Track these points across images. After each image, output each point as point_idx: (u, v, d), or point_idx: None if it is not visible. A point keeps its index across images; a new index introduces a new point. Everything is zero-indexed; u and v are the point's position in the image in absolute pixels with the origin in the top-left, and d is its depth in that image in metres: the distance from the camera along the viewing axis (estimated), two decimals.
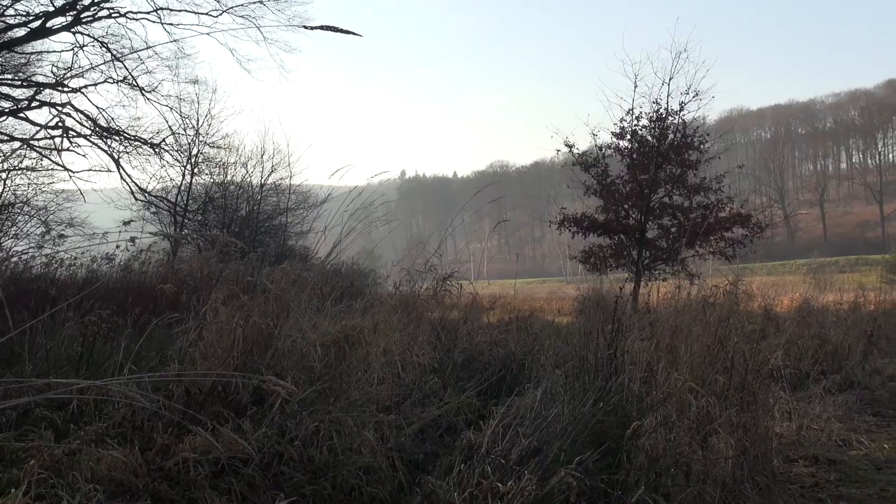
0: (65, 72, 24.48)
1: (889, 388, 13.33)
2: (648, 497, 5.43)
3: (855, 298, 18.95)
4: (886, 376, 14.00)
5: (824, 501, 7.27)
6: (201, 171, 26.74)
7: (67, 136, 24.28)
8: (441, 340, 9.19)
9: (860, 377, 13.58)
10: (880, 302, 18.97)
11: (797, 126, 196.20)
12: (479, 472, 5.08)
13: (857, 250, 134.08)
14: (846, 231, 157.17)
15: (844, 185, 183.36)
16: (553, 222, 23.11)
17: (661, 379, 6.76)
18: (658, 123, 21.66)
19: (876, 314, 17.62)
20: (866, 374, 13.76)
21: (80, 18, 23.91)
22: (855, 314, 17.30)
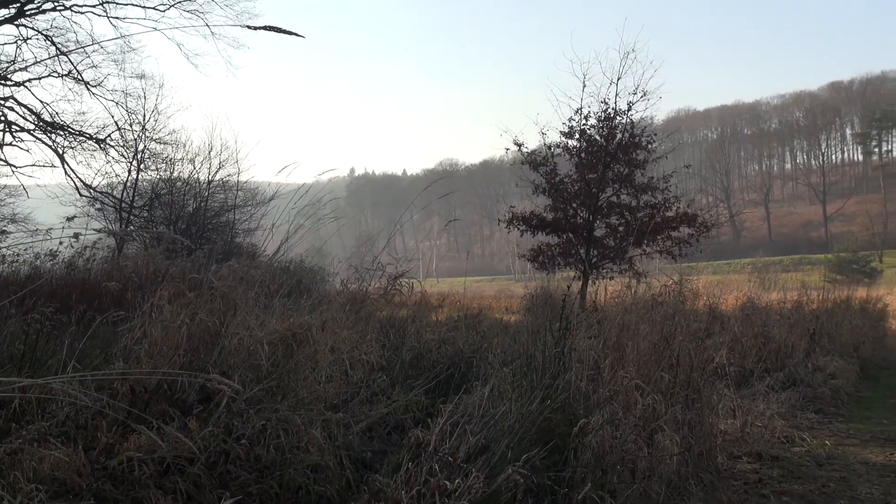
0: (7, 65, 24.11)
1: (831, 386, 13.54)
2: (595, 494, 5.46)
3: (798, 297, 19.21)
4: (828, 374, 14.21)
5: (767, 497, 7.37)
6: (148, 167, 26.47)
7: (10, 130, 23.94)
8: (389, 338, 9.18)
9: (803, 375, 13.79)
10: (823, 301, 19.26)
11: (743, 127, 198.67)
12: (427, 470, 5.08)
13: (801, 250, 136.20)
14: (790, 231, 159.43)
15: (789, 185, 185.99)
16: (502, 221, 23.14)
17: (608, 377, 6.80)
18: (606, 123, 21.78)
19: (818, 313, 17.88)
20: (809, 372, 13.97)
21: (23, 11, 23.56)
22: (798, 313, 17.54)
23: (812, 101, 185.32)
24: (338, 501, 5.51)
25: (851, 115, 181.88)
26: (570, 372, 6.31)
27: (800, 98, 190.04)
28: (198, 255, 11.98)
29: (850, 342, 17.78)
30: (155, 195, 26.45)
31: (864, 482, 8.05)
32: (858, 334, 18.75)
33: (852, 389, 14.35)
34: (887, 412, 12.70)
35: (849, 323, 18.82)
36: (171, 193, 26.62)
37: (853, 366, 15.90)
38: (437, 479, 4.93)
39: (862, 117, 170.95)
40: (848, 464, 8.93)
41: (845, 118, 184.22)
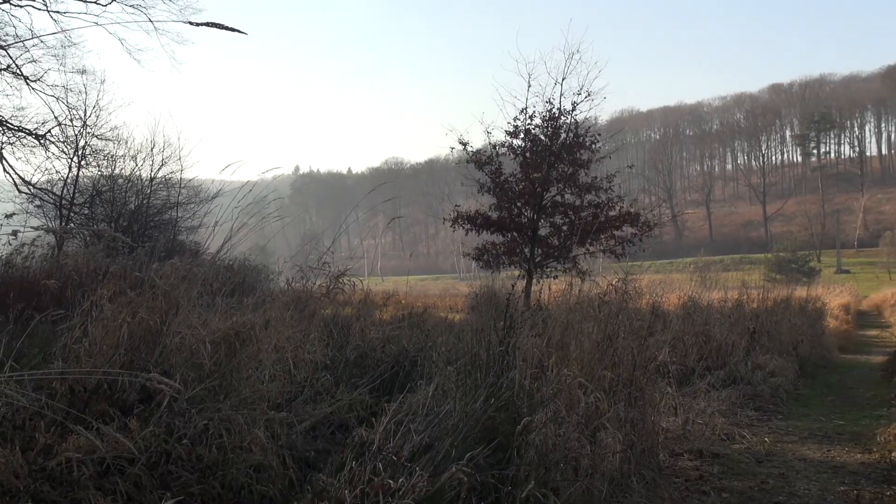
0: None
1: (770, 384, 13.75)
2: (538, 492, 5.49)
3: (739, 296, 19.47)
4: (768, 372, 14.42)
5: (708, 494, 7.46)
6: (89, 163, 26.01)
7: None
8: (334, 337, 9.15)
9: (743, 373, 13.98)
10: (763, 300, 19.54)
11: (685, 127, 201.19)
12: (371, 469, 5.07)
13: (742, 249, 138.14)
14: (731, 231, 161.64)
15: (730, 185, 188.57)
16: (447, 219, 23.11)
17: (552, 375, 6.83)
18: (551, 123, 21.85)
19: (758, 312, 18.15)
20: (749, 370, 14.17)
21: None
22: (738, 312, 17.79)
23: (753, 103, 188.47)
24: (281, 501, 5.48)
25: (791, 116, 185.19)
26: (514, 370, 6.33)
27: (741, 100, 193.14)
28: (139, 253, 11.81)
29: (789, 341, 18.05)
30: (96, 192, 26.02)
31: (802, 478, 8.19)
32: (797, 333, 19.05)
33: (791, 387, 14.57)
34: (825, 410, 12.92)
35: (788, 322, 19.12)
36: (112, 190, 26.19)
37: (792, 364, 16.15)
38: (381, 479, 4.92)
39: (801, 119, 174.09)
40: (787, 460, 9.07)
41: (785, 120, 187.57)
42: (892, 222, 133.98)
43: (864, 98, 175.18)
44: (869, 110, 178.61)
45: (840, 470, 8.64)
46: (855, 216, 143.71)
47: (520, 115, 22.13)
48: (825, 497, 7.48)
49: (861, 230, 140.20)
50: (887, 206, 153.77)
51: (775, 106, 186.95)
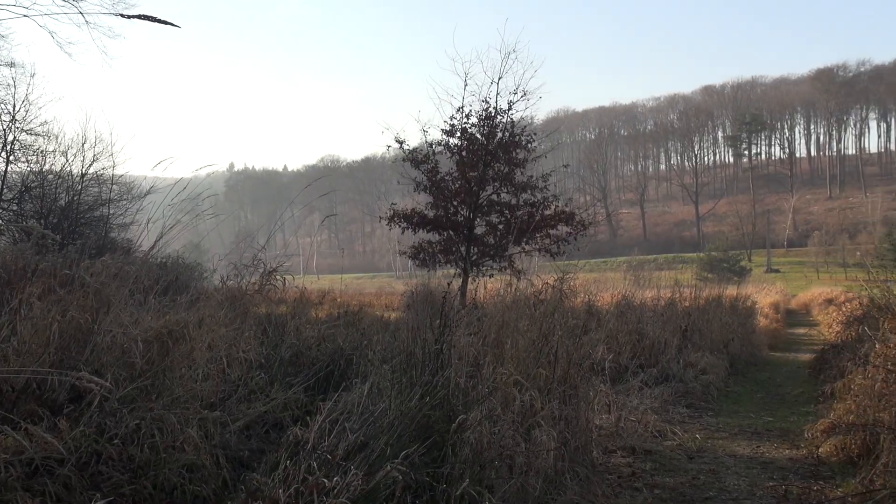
0: None
1: (702, 381, 13.94)
2: (473, 489, 5.51)
3: (671, 295, 19.68)
4: (699, 370, 14.62)
5: (640, 490, 7.54)
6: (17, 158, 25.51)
7: None
8: (268, 336, 9.09)
9: (675, 371, 14.15)
10: (695, 299, 19.77)
11: (620, 128, 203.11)
12: (306, 468, 5.04)
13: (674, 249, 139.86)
14: (664, 230, 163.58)
15: (663, 185, 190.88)
16: (383, 218, 23.04)
17: (487, 373, 6.86)
18: (487, 122, 21.87)
19: (690, 310, 18.37)
20: (681, 368, 14.35)
21: None
22: (671, 310, 17.98)
23: (686, 104, 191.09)
24: (214, 501, 5.44)
25: (723, 118, 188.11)
26: (450, 368, 6.34)
27: (674, 101, 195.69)
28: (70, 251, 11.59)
29: (721, 339, 18.32)
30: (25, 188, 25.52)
31: (732, 474, 8.32)
32: (728, 331, 19.34)
33: (722, 385, 14.79)
34: (754, 407, 13.14)
35: (719, 320, 19.39)
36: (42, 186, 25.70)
37: (723, 362, 16.40)
38: (316, 478, 4.90)
39: (733, 120, 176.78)
40: (717, 457, 9.21)
41: (717, 121, 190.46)
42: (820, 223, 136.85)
43: (794, 100, 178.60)
44: (799, 112, 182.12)
45: (769, 466, 8.79)
46: (785, 216, 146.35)
47: (456, 113, 22.15)
48: (754, 492, 7.61)
49: (790, 230, 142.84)
50: (816, 206, 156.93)
51: (708, 107, 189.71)
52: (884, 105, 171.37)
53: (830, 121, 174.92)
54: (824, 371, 14.84)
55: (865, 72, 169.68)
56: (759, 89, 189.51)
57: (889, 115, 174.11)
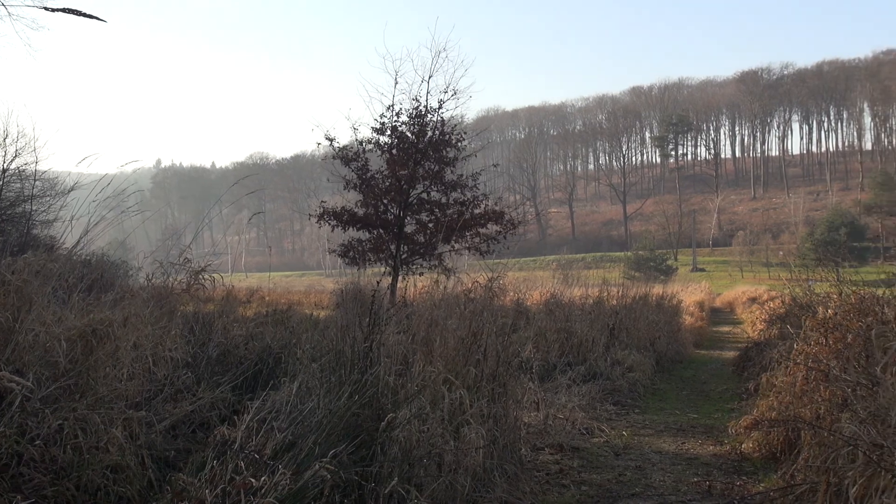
0: None
1: (629, 379, 14.11)
2: (401, 488, 5.51)
3: (599, 294, 19.88)
4: (626, 367, 14.79)
5: (568, 487, 7.60)
6: None
7: None
8: (195, 334, 8.98)
9: (603, 368, 14.30)
10: (622, 297, 19.99)
11: (549, 127, 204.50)
12: (233, 468, 4.99)
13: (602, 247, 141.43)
14: (592, 229, 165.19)
15: (592, 185, 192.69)
16: (313, 216, 22.91)
17: (416, 371, 6.87)
18: (417, 120, 21.87)
19: (618, 308, 18.56)
20: (608, 366, 14.50)
21: None
22: (599, 309, 18.16)
23: (614, 105, 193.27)
24: (139, 502, 5.36)
25: (650, 119, 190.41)
26: (379, 367, 6.34)
27: (603, 101, 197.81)
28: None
29: (647, 337, 18.56)
30: None
31: (657, 470, 8.43)
32: (654, 329, 19.59)
33: (648, 382, 14.99)
34: (680, 403, 13.33)
35: (646, 318, 19.63)
36: None
37: (649, 359, 16.61)
38: (243, 477, 4.86)
39: (660, 121, 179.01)
40: (643, 453, 9.33)
41: (645, 122, 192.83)
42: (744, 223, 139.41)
43: (720, 102, 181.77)
44: (724, 114, 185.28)
45: (694, 462, 8.93)
46: (710, 216, 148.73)
47: (387, 111, 22.11)
48: (679, 488, 7.72)
49: (715, 230, 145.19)
50: (740, 207, 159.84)
51: (636, 108, 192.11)
52: (806, 107, 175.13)
53: (754, 122, 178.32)
54: (748, 368, 15.09)
55: (788, 75, 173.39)
56: (686, 91, 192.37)
57: (811, 117, 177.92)
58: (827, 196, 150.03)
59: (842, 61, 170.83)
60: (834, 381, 7.38)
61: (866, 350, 7.33)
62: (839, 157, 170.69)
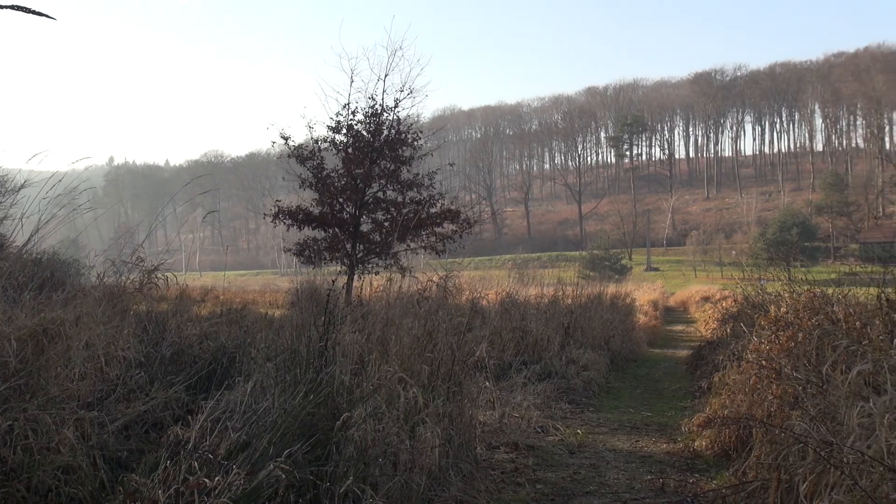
0: None
1: (583, 377, 14.18)
2: (356, 487, 5.50)
3: (554, 293, 19.95)
4: (581, 366, 14.87)
5: (523, 485, 7.64)
6: None
7: None
8: (148, 333, 8.89)
9: (558, 367, 14.37)
10: (577, 296, 20.09)
11: (505, 127, 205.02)
12: (186, 468, 4.96)
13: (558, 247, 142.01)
14: (548, 228, 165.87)
15: (547, 184, 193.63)
16: (268, 215, 22.76)
17: (372, 370, 6.86)
18: (373, 119, 21.78)
19: (573, 308, 18.65)
20: (563, 364, 14.57)
21: None
22: (554, 308, 18.22)
23: (570, 105, 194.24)
24: (91, 503, 5.30)
25: (606, 119, 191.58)
26: (335, 366, 6.33)
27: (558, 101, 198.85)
28: None
29: (602, 335, 18.67)
30: None
31: (612, 468, 8.49)
32: (609, 328, 19.72)
33: (603, 380, 15.08)
34: (634, 402, 13.44)
35: (600, 317, 19.75)
36: None
37: (604, 358, 16.71)
38: (197, 477, 4.83)
39: (615, 121, 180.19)
40: (598, 451, 9.39)
41: (600, 122, 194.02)
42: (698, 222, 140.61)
43: (674, 103, 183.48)
44: (678, 114, 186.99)
45: (647, 459, 9.00)
46: (664, 216, 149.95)
47: (342, 110, 22.00)
48: (633, 486, 7.78)
49: (669, 230, 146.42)
50: (694, 207, 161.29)
51: (591, 108, 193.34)
52: (759, 109, 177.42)
53: (708, 123, 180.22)
54: (701, 367, 15.22)
55: (742, 76, 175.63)
56: (641, 91, 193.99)
57: (763, 118, 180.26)
58: (779, 196, 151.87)
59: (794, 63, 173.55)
60: (785, 379, 7.48)
61: (817, 349, 7.43)
62: (791, 158, 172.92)
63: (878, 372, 5.70)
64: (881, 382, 5.52)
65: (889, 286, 7.27)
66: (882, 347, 6.10)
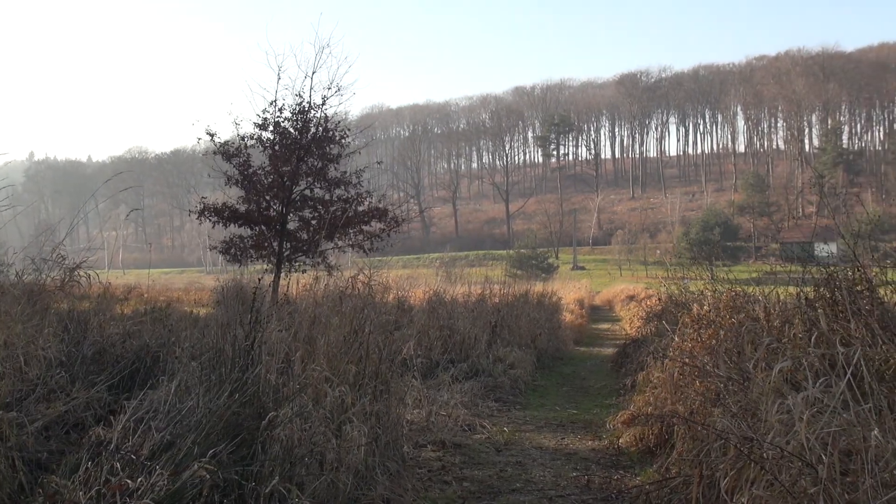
0: None
1: (510, 376, 14.26)
2: (282, 487, 5.47)
3: (482, 291, 20.03)
4: (508, 364, 14.95)
5: (450, 484, 7.66)
6: None
7: None
8: (70, 332, 8.75)
9: (485, 365, 14.43)
10: (504, 295, 20.19)
11: (433, 126, 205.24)
12: (108, 469, 4.88)
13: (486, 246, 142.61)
14: (476, 227, 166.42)
15: (475, 183, 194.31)
16: (193, 212, 22.49)
17: (299, 369, 6.83)
18: (301, 116, 21.63)
19: (500, 306, 18.75)
20: (490, 363, 14.64)
21: None
22: (481, 306, 18.30)
23: (498, 104, 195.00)
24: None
25: (533, 118, 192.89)
26: (261, 365, 6.28)
27: (486, 101, 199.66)
28: None
29: (528, 334, 18.79)
30: None
31: (538, 466, 8.56)
32: (535, 326, 19.85)
33: (529, 379, 15.19)
34: (560, 400, 13.55)
35: (527, 316, 19.88)
36: None
37: (530, 356, 16.83)
38: (119, 479, 4.76)
39: (542, 121, 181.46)
40: (524, 449, 9.45)
41: (527, 121, 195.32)
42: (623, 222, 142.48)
43: (600, 103, 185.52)
44: (604, 115, 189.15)
45: (573, 457, 9.09)
46: (590, 215, 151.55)
47: (269, 107, 21.83)
48: (559, 483, 7.85)
49: (595, 229, 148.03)
50: (619, 206, 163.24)
51: (519, 108, 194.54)
52: (683, 110, 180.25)
53: (633, 124, 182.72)
54: (625, 365, 15.41)
55: (666, 78, 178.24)
56: (568, 92, 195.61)
57: (687, 119, 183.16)
58: (702, 196, 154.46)
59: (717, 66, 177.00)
60: (707, 376, 7.60)
61: (738, 346, 7.57)
62: (714, 159, 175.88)
63: (797, 369, 5.82)
64: (800, 379, 5.64)
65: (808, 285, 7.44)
66: (801, 345, 6.23)
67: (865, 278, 6.68)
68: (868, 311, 6.20)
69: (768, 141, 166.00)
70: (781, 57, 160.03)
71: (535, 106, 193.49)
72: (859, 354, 5.10)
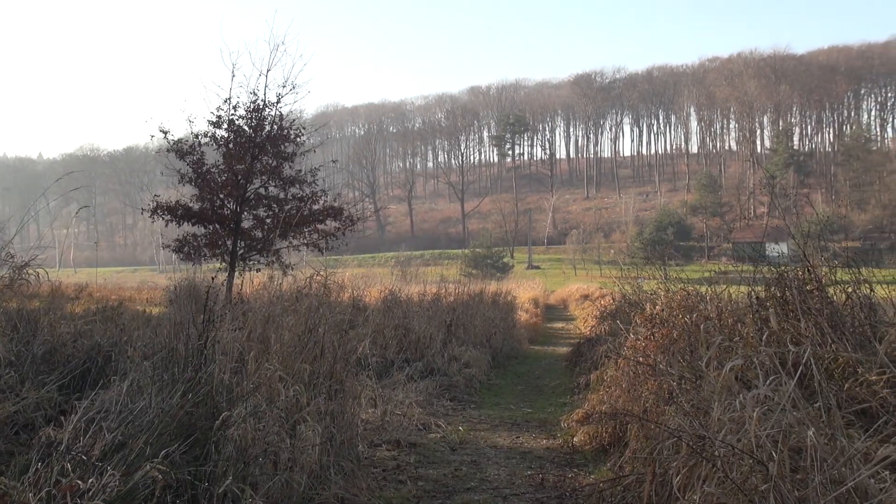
0: None
1: (465, 375, 14.30)
2: (236, 487, 5.45)
3: (437, 290, 20.04)
4: (463, 363, 14.99)
5: (405, 483, 7.66)
6: None
7: None
8: (19, 332, 8.63)
9: (440, 364, 14.46)
10: (459, 294, 20.23)
11: (389, 124, 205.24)
12: (59, 470, 4.82)
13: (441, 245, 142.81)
14: (431, 226, 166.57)
15: (431, 182, 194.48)
16: (146, 210, 22.27)
17: (252, 368, 6.79)
18: (255, 114, 21.50)
19: (455, 305, 18.78)
20: (445, 362, 14.67)
21: None
22: (436, 305, 18.32)
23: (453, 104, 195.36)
24: None
25: (489, 118, 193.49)
26: (214, 364, 6.24)
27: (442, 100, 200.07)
28: None
29: (483, 333, 18.85)
30: None
31: (492, 464, 8.59)
32: (490, 326, 19.92)
33: (484, 377, 15.24)
34: (515, 398, 13.60)
35: (482, 315, 19.93)
36: None
37: (485, 355, 16.88)
38: (70, 479, 4.70)
39: (498, 121, 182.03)
40: (479, 448, 9.48)
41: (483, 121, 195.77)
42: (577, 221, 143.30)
43: (555, 103, 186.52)
44: (559, 115, 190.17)
45: (528, 455, 9.13)
46: (545, 215, 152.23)
47: (223, 104, 21.68)
48: (513, 482, 7.88)
49: (550, 228, 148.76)
50: (574, 206, 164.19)
51: (474, 107, 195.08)
52: (636, 111, 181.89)
53: (588, 124, 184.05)
54: (580, 363, 15.48)
55: (620, 79, 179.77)
56: (523, 92, 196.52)
57: (641, 120, 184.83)
58: (656, 197, 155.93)
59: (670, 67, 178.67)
60: (660, 375, 7.66)
61: (691, 345, 7.64)
62: (667, 160, 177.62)
63: (748, 367, 5.89)
64: (751, 378, 5.71)
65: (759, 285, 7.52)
66: (753, 344, 6.30)
67: (815, 278, 6.77)
68: (818, 311, 6.29)
69: (721, 142, 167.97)
70: (734, 58, 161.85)
71: (490, 105, 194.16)
72: (809, 353, 5.18)
